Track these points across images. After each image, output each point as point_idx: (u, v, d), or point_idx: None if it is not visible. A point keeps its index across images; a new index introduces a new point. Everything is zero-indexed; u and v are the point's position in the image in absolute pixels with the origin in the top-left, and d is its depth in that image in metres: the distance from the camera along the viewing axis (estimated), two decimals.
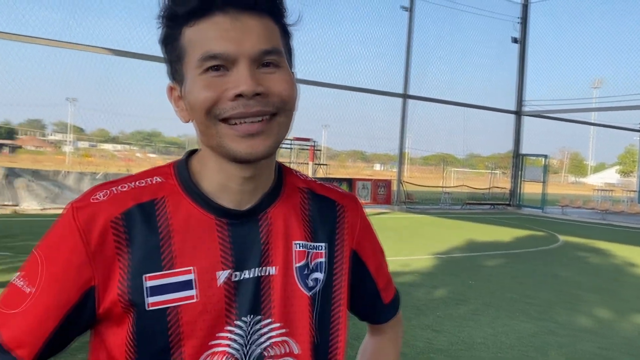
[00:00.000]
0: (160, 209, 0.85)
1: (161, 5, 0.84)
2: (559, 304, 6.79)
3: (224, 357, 0.84)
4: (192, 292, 0.83)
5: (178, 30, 0.83)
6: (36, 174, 14.35)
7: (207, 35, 0.80)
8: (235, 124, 0.81)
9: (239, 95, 0.79)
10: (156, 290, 0.82)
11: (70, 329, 0.83)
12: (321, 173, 20.04)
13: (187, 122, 0.87)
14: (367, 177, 22.38)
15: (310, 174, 17.18)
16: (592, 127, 36.66)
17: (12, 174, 13.87)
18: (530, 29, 24.23)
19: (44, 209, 13.94)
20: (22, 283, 0.82)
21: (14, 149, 52.59)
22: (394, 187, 20.76)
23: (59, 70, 15.67)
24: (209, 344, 0.84)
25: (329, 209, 0.98)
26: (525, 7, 24.02)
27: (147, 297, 0.81)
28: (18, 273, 0.84)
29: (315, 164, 18.26)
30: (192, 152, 0.94)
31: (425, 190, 23.63)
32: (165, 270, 0.82)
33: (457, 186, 26.06)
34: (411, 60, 20.85)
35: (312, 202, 0.97)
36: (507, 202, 23.88)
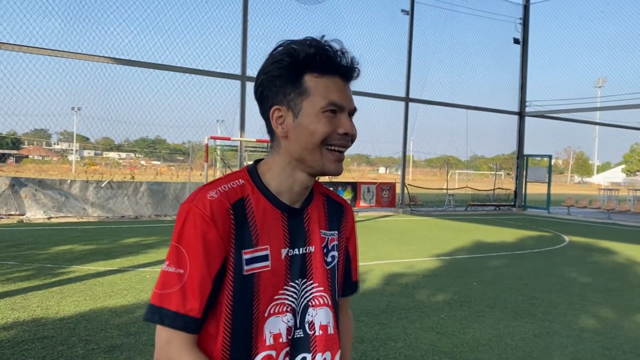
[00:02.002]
0: (248, 204, 1.22)
1: (296, 47, 1.19)
2: (564, 304, 6.78)
3: (284, 307, 1.24)
4: (268, 263, 1.22)
5: (300, 73, 1.20)
6: (42, 183, 14.39)
7: (331, 88, 1.21)
8: (335, 150, 1.22)
9: (345, 134, 1.22)
10: (249, 261, 1.20)
11: (218, 288, 1.18)
12: (326, 177, 20.00)
13: (284, 137, 1.23)
14: (371, 181, 22.36)
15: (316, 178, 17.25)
16: (596, 126, 36.52)
17: (17, 183, 13.93)
18: (532, 30, 24.22)
19: (50, 218, 14.01)
20: (172, 269, 1.16)
21: (19, 158, 52.79)
22: (398, 190, 20.75)
23: (63, 80, 15.73)
24: (274, 297, 1.23)
25: (338, 209, 1.42)
26: (525, 8, 24.00)
27: (244, 265, 1.19)
28: (165, 263, 1.16)
29: None
30: (257, 161, 1.31)
31: (429, 192, 23.61)
32: (254, 247, 1.20)
33: (460, 188, 26.04)
34: (412, 64, 20.85)
35: (329, 203, 1.40)
36: (512, 203, 23.82)
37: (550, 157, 24.43)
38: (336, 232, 1.37)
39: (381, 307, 6.22)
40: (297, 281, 1.26)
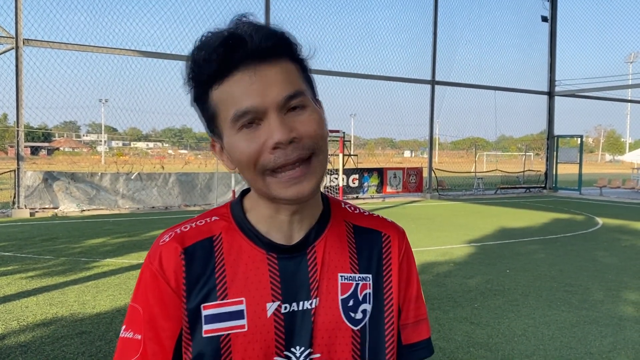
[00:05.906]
0: (217, 245, 0.93)
1: (186, 68, 0.88)
2: (600, 291, 6.64)
3: None
4: (243, 322, 0.89)
5: (206, 91, 0.88)
6: (74, 177, 14.68)
7: (233, 93, 0.84)
8: (280, 171, 0.86)
9: (278, 145, 0.83)
10: (211, 319, 0.89)
11: (185, 351, 0.91)
12: (351, 163, 19.94)
13: (232, 170, 0.93)
14: (397, 166, 22.18)
15: (340, 166, 17.19)
16: (628, 103, 35.51)
17: (50, 177, 14.23)
18: (560, 7, 23.56)
19: (83, 210, 14.30)
20: (129, 334, 0.92)
21: (51, 151, 53.96)
22: (425, 175, 20.57)
23: (91, 73, 15.98)
24: None
25: (375, 241, 1.00)
26: None
27: (204, 324, 0.89)
28: (122, 328, 0.94)
29: (345, 155, 18.15)
30: (246, 192, 1.00)
31: (456, 176, 23.34)
32: (220, 300, 0.90)
33: (490, 171, 25.66)
34: (438, 46, 20.51)
35: (359, 233, 1.00)
36: (542, 185, 23.40)
37: (581, 137, 23.89)
38: (370, 275, 0.97)
39: None
40: (293, 350, 0.90)
